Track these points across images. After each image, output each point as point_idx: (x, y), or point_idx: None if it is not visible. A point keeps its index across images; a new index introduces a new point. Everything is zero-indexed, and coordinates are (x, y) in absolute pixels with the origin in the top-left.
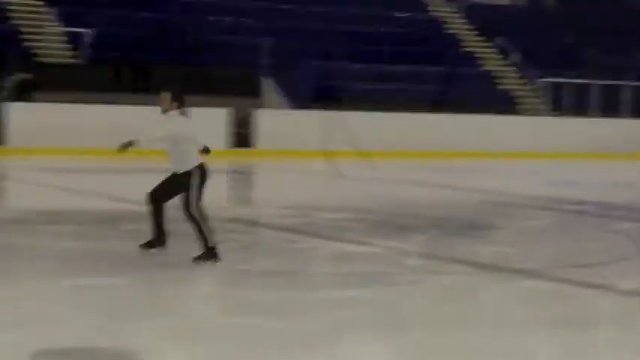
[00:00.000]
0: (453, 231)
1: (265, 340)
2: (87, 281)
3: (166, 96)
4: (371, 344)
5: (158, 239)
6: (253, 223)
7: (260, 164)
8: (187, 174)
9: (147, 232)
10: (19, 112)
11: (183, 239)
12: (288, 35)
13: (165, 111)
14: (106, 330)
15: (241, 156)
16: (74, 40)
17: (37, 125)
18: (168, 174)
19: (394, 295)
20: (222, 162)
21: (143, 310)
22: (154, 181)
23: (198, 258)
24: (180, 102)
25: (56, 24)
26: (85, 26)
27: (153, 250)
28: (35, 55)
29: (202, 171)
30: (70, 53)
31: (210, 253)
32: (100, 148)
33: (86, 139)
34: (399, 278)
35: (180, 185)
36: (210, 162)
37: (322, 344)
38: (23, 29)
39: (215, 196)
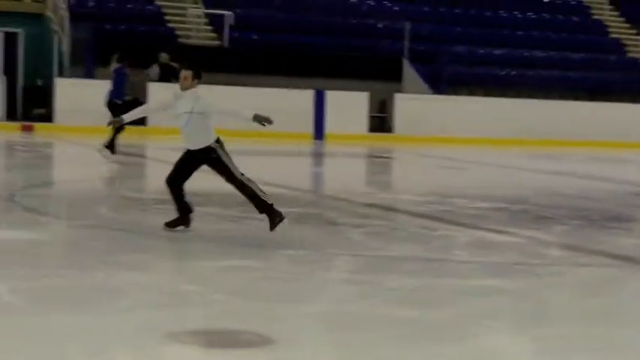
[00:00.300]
0: (595, 222)
1: (401, 327)
2: (228, 263)
3: (188, 74)
4: (510, 336)
5: (183, 219)
6: (391, 208)
7: (398, 149)
8: (207, 149)
9: (290, 214)
10: (161, 94)
11: (324, 226)
12: (430, 19)
13: (186, 88)
14: (244, 313)
15: (380, 140)
16: (215, 22)
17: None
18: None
19: (534, 286)
20: (361, 146)
21: (282, 293)
22: (294, 163)
23: (271, 222)
24: (199, 79)
25: (198, 6)
26: (226, 8)
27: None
28: (178, 36)
29: (222, 142)
30: (212, 35)
31: (275, 211)
32: (238, 130)
33: (226, 121)
34: (539, 269)
35: (197, 162)
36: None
37: (459, 334)
38: (166, 10)
39: (353, 180)
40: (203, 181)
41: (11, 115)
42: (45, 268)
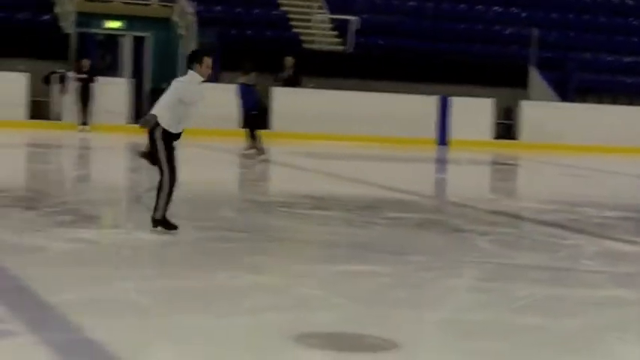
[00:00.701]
0: None
1: (527, 336)
2: (351, 267)
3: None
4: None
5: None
6: (517, 216)
7: (523, 156)
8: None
9: (414, 220)
10: (284, 98)
11: (449, 233)
12: (557, 26)
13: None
14: (366, 318)
15: (505, 147)
16: (340, 27)
17: (300, 111)
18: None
19: None
20: (485, 153)
21: (406, 299)
22: (418, 169)
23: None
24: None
25: (323, 11)
26: (351, 13)
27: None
28: (302, 42)
29: None
30: (336, 40)
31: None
32: (362, 135)
33: (349, 126)
34: None
35: None
36: None
37: (588, 345)
38: (292, 16)
39: (478, 187)
40: (326, 185)
41: (138, 118)
42: (170, 269)
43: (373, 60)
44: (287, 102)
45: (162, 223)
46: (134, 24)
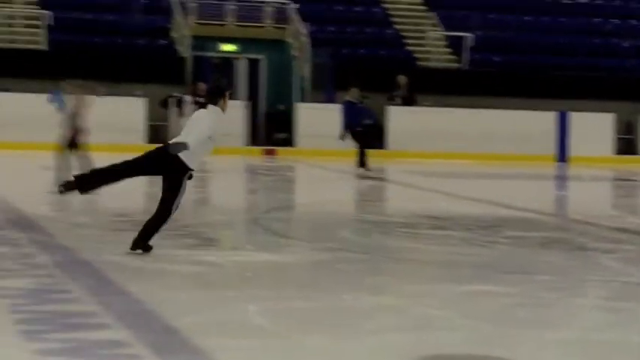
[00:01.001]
0: None
1: None
2: (474, 287)
3: None
4: None
5: None
6: None
7: None
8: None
9: (537, 239)
10: (400, 117)
11: (573, 251)
12: None
13: None
14: (491, 338)
15: (626, 163)
16: (455, 44)
17: (416, 129)
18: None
19: None
20: (606, 169)
21: (531, 319)
22: (538, 186)
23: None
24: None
25: (437, 28)
26: (465, 30)
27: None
28: (417, 59)
29: None
30: (451, 57)
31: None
32: (479, 152)
33: (465, 144)
34: None
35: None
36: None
37: None
38: (405, 34)
39: (600, 204)
40: (444, 204)
41: (254, 140)
42: (290, 290)
43: (488, 77)
44: (402, 121)
45: (144, 247)
46: (248, 46)
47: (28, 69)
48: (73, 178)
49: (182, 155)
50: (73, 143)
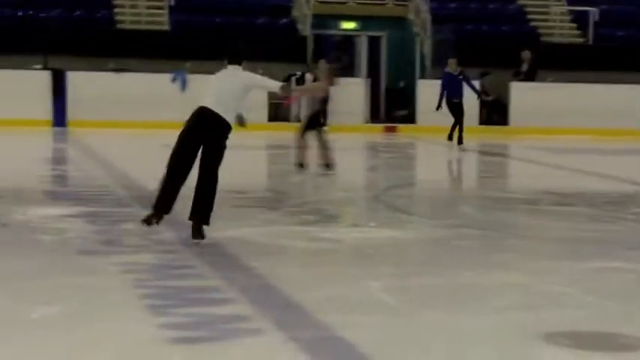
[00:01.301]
0: None
1: None
2: (599, 264)
3: None
4: None
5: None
6: None
7: None
8: None
9: None
10: (522, 92)
11: None
12: None
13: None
14: (619, 316)
15: None
16: (579, 19)
17: (539, 105)
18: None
19: None
20: None
21: None
22: None
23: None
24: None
25: (561, 3)
26: (590, 4)
27: None
28: (540, 35)
29: None
30: (575, 32)
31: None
32: (603, 128)
33: (589, 120)
34: None
35: None
36: None
37: None
38: (529, 9)
39: None
40: (568, 180)
41: (375, 117)
42: (414, 267)
43: (613, 52)
44: (525, 96)
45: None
46: (369, 24)
47: (150, 49)
48: (153, 210)
49: (223, 113)
50: (316, 123)
